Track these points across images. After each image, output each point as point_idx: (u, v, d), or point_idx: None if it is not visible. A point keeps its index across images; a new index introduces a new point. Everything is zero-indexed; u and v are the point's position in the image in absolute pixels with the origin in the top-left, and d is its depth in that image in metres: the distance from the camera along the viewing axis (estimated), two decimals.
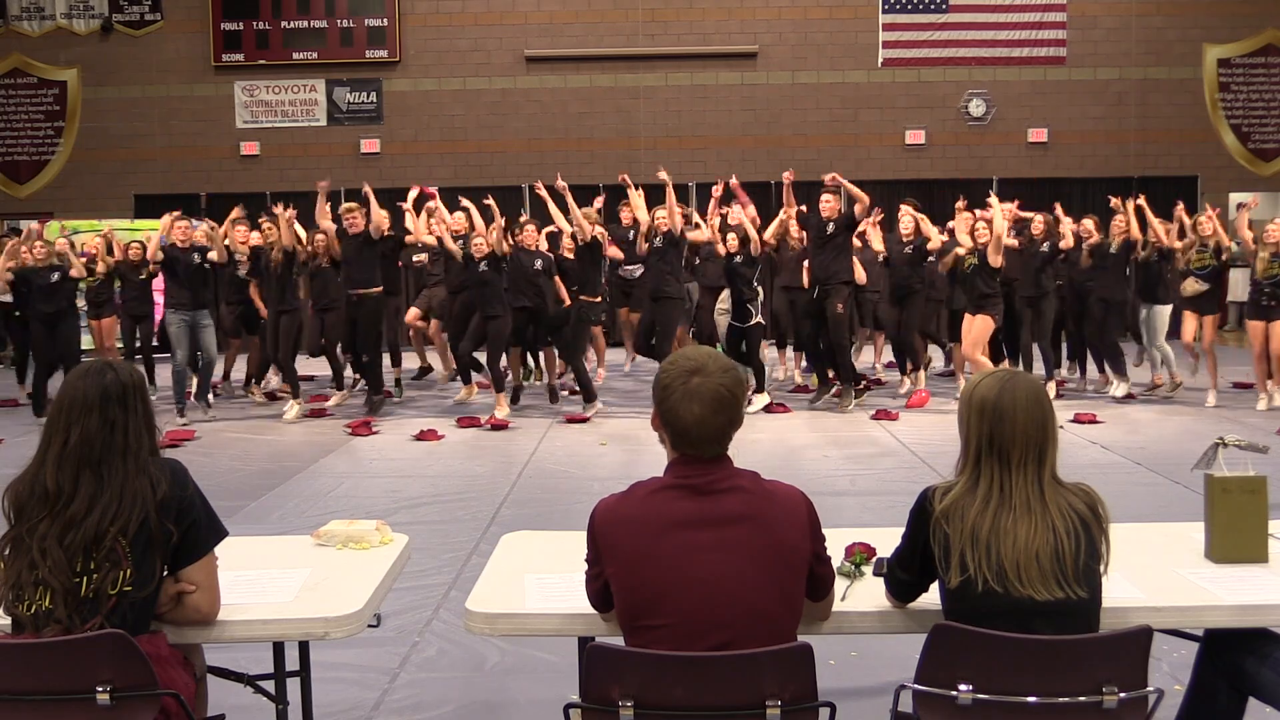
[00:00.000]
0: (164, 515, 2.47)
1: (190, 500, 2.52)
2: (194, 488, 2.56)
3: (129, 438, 2.50)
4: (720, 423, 2.31)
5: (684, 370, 2.32)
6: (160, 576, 2.48)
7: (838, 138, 16.27)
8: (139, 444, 2.52)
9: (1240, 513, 2.86)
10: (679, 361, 2.36)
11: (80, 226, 14.39)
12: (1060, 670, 2.25)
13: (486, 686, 4.07)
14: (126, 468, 2.48)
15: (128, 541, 2.42)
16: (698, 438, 2.31)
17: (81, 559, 2.40)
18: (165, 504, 2.47)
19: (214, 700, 2.89)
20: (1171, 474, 7.09)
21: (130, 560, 2.42)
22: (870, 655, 4.08)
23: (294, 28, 16.26)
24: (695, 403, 2.29)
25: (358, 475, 7.66)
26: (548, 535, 3.27)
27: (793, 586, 2.32)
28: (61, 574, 2.38)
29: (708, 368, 2.32)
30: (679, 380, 2.31)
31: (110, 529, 2.41)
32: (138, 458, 2.51)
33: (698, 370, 2.32)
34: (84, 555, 2.40)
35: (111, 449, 2.48)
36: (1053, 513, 2.37)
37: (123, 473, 2.47)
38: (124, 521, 2.42)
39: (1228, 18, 16.14)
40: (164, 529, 2.46)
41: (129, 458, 2.49)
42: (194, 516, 2.52)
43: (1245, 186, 16.49)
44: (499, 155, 16.31)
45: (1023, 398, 2.42)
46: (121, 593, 2.41)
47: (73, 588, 2.39)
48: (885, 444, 8.43)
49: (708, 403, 2.29)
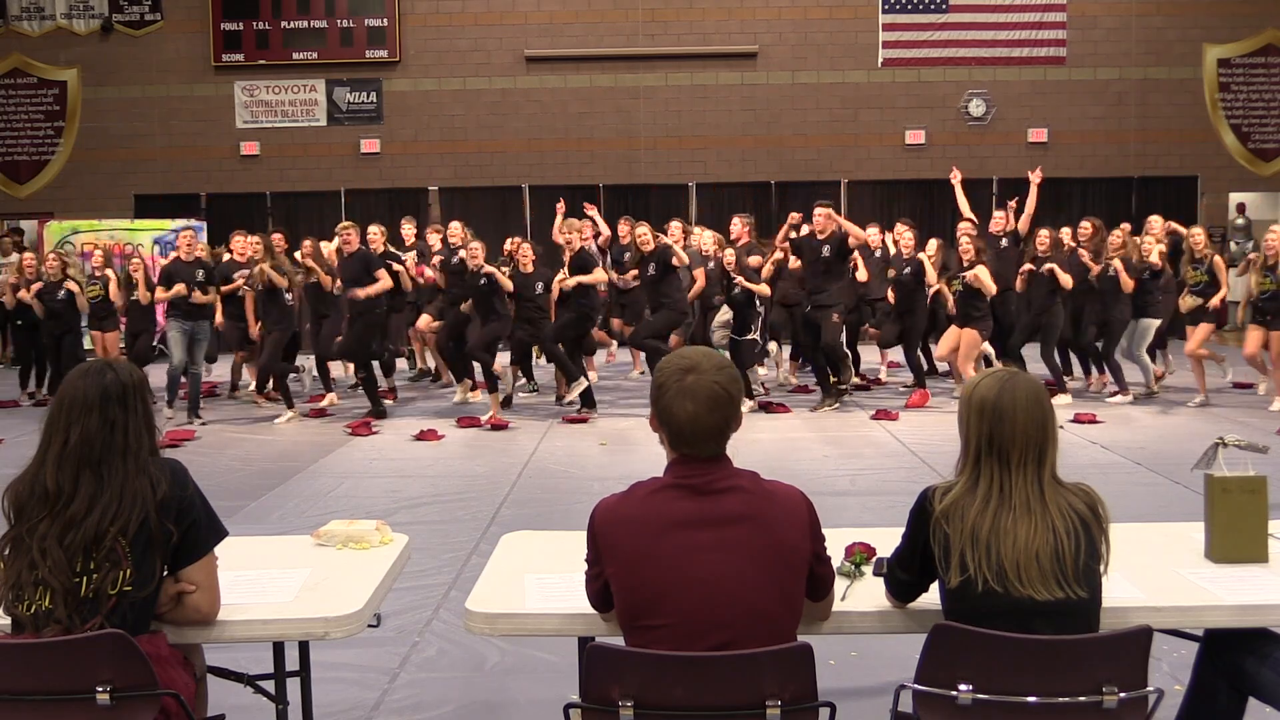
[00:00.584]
0: (164, 515, 2.46)
1: (190, 500, 2.52)
2: (194, 488, 2.56)
3: (129, 438, 2.50)
4: (716, 421, 2.30)
5: (679, 369, 2.32)
6: (160, 576, 2.48)
7: (838, 138, 16.27)
8: (139, 444, 2.52)
9: (1240, 513, 2.86)
10: (674, 360, 2.36)
11: (80, 226, 14.40)
12: (1060, 670, 2.25)
13: (486, 686, 4.07)
14: (126, 468, 2.47)
15: (128, 541, 2.42)
16: (693, 436, 2.30)
17: (81, 559, 2.40)
18: (165, 504, 2.47)
19: (214, 700, 2.89)
20: (1171, 474, 7.08)
21: (130, 560, 2.42)
22: (870, 655, 4.08)
23: (294, 28, 16.26)
24: (689, 400, 2.28)
25: (358, 475, 7.65)
26: (548, 535, 3.27)
27: (793, 586, 2.32)
28: (61, 574, 2.38)
29: (702, 366, 2.32)
30: (673, 379, 2.31)
31: (110, 529, 2.41)
32: (138, 458, 2.50)
33: (692, 368, 2.32)
34: (84, 555, 2.40)
35: (111, 449, 2.48)
36: (1053, 513, 2.37)
37: (123, 473, 2.46)
38: (124, 521, 2.42)
39: (1228, 18, 16.14)
40: (164, 529, 2.46)
41: (129, 458, 2.49)
42: (194, 516, 2.52)
43: (1245, 186, 16.50)
44: (499, 155, 16.31)
45: (1022, 398, 2.42)
46: (121, 592, 2.41)
47: (73, 588, 2.39)
48: (885, 444, 8.43)
49: (702, 400, 2.29)
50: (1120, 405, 9.89)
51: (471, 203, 15.79)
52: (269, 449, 8.64)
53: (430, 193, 16.29)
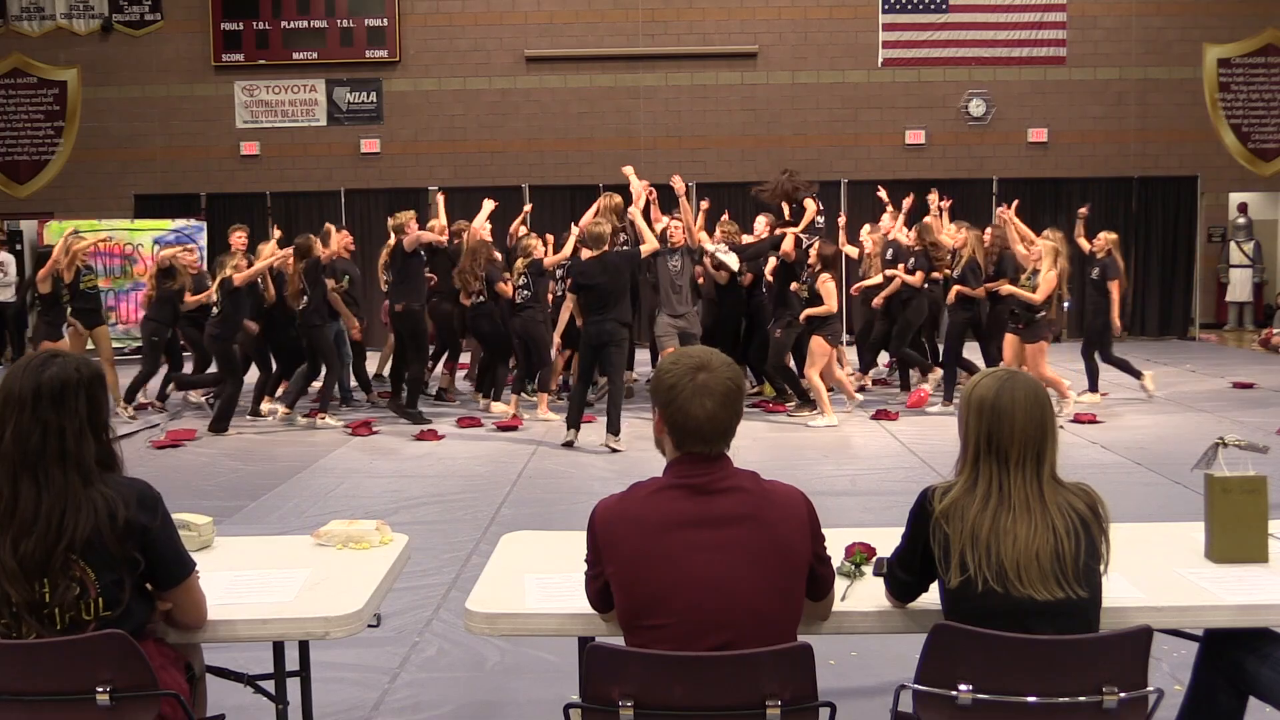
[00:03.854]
0: (126, 541, 2.31)
1: (157, 534, 2.36)
2: (163, 518, 2.39)
3: (66, 442, 2.28)
4: (729, 416, 2.32)
5: (689, 368, 2.32)
6: (133, 599, 2.37)
7: (838, 138, 16.27)
8: (80, 450, 2.29)
9: (1240, 513, 2.86)
10: (681, 360, 2.36)
11: (80, 226, 14.36)
12: (1060, 670, 2.25)
13: (486, 686, 4.07)
14: (68, 477, 2.27)
15: (86, 565, 2.29)
16: (710, 434, 2.31)
17: (38, 573, 2.27)
18: (128, 529, 2.31)
19: (214, 700, 2.89)
20: (1171, 474, 7.08)
21: (97, 587, 2.31)
22: (870, 655, 4.08)
23: (294, 28, 16.25)
24: (707, 398, 2.29)
25: (358, 475, 7.65)
26: (548, 535, 3.27)
27: (793, 587, 2.32)
28: (19, 585, 2.26)
29: (712, 363, 2.33)
30: (686, 378, 2.31)
31: (58, 545, 2.25)
32: (81, 467, 2.28)
33: (703, 366, 2.32)
34: (40, 569, 2.27)
35: (45, 454, 2.27)
36: (1052, 512, 2.37)
37: (63, 482, 2.26)
38: (70, 538, 2.25)
39: (1228, 18, 16.13)
40: (128, 555, 2.32)
41: (69, 466, 2.27)
42: (160, 551, 2.38)
43: (1245, 186, 16.50)
44: (499, 155, 16.31)
45: (1021, 397, 2.42)
46: (101, 619, 2.33)
47: (36, 601, 2.28)
48: (885, 444, 8.43)
49: (719, 397, 2.30)
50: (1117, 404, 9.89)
51: (471, 203, 15.73)
52: (269, 449, 8.63)
53: (430, 193, 16.28)
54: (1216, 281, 16.62)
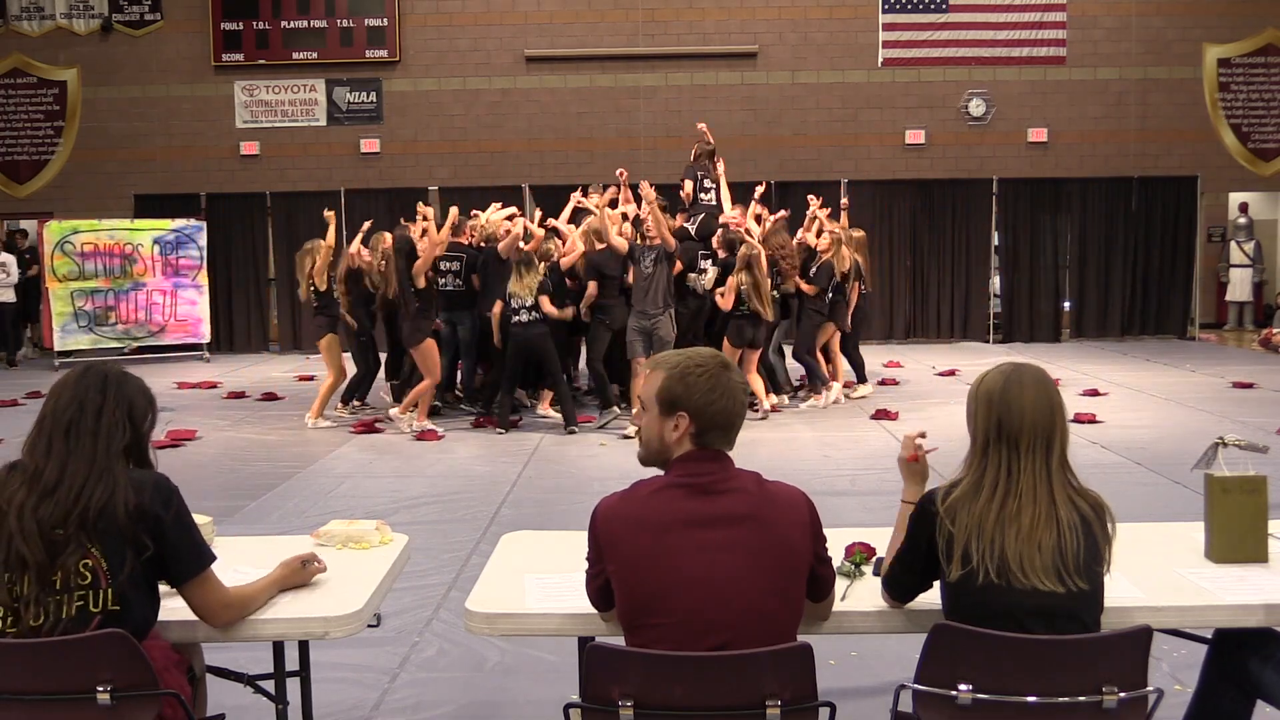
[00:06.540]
0: (138, 524, 2.40)
1: (170, 523, 2.45)
2: (177, 510, 2.47)
3: (101, 421, 2.47)
4: (743, 413, 2.44)
5: (720, 364, 2.40)
6: (137, 596, 2.42)
7: (838, 138, 16.27)
8: (110, 432, 2.47)
9: (1240, 513, 2.86)
10: (706, 360, 2.40)
11: (80, 226, 14.38)
12: (1060, 670, 2.25)
13: (486, 686, 4.07)
14: (96, 447, 2.45)
15: (97, 548, 2.37)
16: (735, 428, 2.40)
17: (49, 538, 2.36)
18: (140, 513, 2.41)
19: (214, 700, 2.89)
20: (1171, 474, 7.09)
21: (109, 579, 2.37)
22: (870, 655, 4.08)
23: (294, 28, 16.25)
24: (740, 394, 2.41)
25: (358, 475, 7.65)
26: (548, 535, 3.27)
27: (793, 587, 2.33)
28: (34, 545, 2.35)
29: (728, 362, 2.43)
30: (719, 375, 2.38)
31: (73, 509, 2.37)
32: (109, 446, 2.46)
33: (727, 365, 2.42)
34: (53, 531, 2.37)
35: (80, 424, 2.46)
36: (1059, 502, 2.38)
37: (91, 449, 2.44)
38: (85, 504, 2.37)
39: (1228, 18, 16.13)
40: (138, 539, 2.40)
41: (99, 440, 2.46)
42: (173, 541, 2.45)
43: (1245, 186, 16.50)
44: (499, 155, 16.31)
45: (1030, 385, 2.44)
46: (108, 613, 2.37)
47: (45, 564, 2.35)
48: (885, 444, 8.43)
49: (740, 396, 2.42)
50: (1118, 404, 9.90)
51: (472, 203, 15.75)
52: (269, 449, 8.64)
53: (430, 193, 16.28)
54: (1216, 281, 16.61)
